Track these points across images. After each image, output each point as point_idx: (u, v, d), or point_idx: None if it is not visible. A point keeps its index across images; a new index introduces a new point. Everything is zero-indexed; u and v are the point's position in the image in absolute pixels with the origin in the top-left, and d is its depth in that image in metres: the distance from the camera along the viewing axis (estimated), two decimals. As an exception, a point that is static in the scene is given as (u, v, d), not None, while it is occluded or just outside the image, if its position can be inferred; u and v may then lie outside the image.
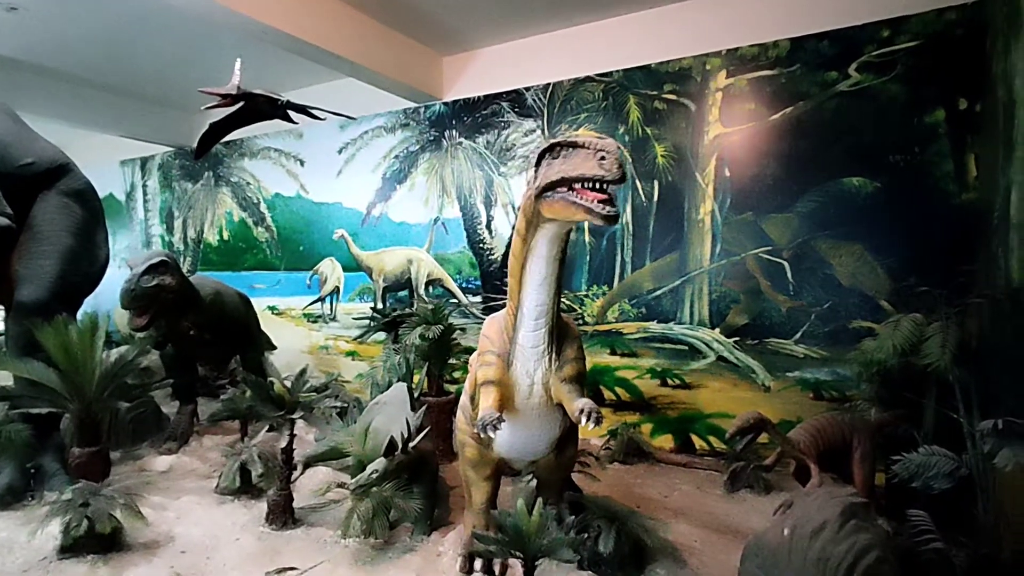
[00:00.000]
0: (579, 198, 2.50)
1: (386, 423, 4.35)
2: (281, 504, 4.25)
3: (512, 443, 3.50)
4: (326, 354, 8.87)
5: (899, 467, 3.57)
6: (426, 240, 8.00)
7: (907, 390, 4.00)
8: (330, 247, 8.88)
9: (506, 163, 7.38)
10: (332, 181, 8.83)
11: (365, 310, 8.54)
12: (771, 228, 5.83)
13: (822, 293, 5.56)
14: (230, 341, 6.31)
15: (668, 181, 6.34)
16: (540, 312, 3.06)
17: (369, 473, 3.75)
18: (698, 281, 6.20)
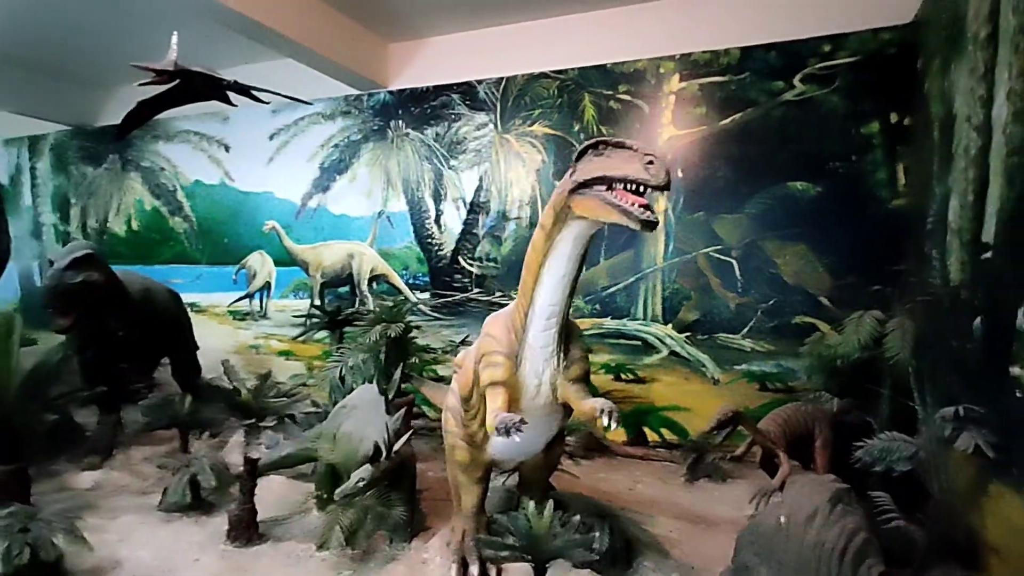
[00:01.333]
0: (617, 198, 2.46)
1: (359, 427, 4.13)
2: (245, 519, 3.92)
3: (510, 444, 3.42)
4: (256, 354, 8.30)
5: (862, 452, 3.84)
6: (369, 234, 7.67)
7: (864, 381, 4.33)
8: (259, 240, 8.31)
9: (456, 156, 7.22)
10: (262, 169, 8.27)
11: (301, 307, 8.11)
12: (721, 228, 6.10)
13: (768, 290, 5.89)
14: (160, 342, 5.74)
15: (622, 180, 6.45)
16: (553, 312, 3.01)
17: (355, 482, 3.53)
18: (651, 278, 6.38)
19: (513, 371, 3.08)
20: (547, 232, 2.86)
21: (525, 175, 6.88)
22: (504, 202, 6.99)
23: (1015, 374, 3.25)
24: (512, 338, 3.11)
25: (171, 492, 4.24)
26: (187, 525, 4.22)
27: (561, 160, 6.73)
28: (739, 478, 5.40)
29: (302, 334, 7.31)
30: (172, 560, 3.75)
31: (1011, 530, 3.24)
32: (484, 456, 3.58)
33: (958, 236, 4.12)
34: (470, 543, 3.62)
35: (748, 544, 3.25)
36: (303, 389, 6.19)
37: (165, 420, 5.09)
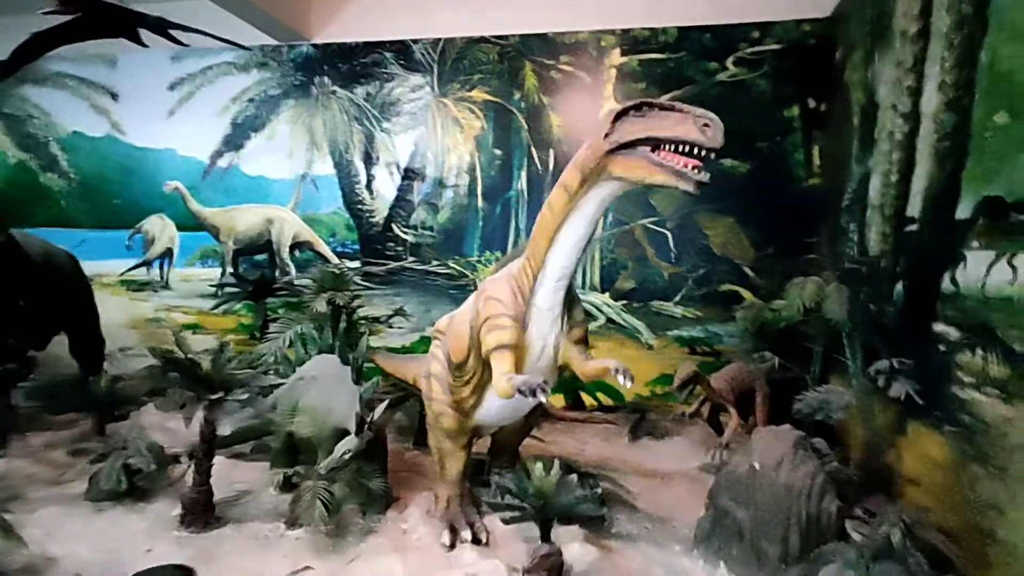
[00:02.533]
0: (666, 160, 2.49)
1: (324, 399, 3.91)
2: (201, 501, 3.59)
3: (503, 409, 3.42)
4: (157, 328, 7.51)
5: (802, 404, 4.26)
6: (291, 198, 7.17)
7: (800, 342, 4.79)
8: (158, 201, 7.47)
9: (390, 119, 6.91)
10: (161, 122, 7.39)
11: (210, 276, 7.43)
12: (657, 200, 6.39)
13: (699, 260, 6.29)
14: (60, 314, 5.02)
15: (564, 151, 6.54)
16: (564, 274, 3.01)
17: (341, 454, 3.35)
18: (590, 248, 6.55)
19: (520, 334, 3.06)
20: (571, 193, 2.84)
21: (463, 142, 6.74)
22: (441, 169, 6.82)
23: (939, 331, 3.76)
24: (519, 301, 3.08)
25: (103, 479, 3.76)
26: (123, 514, 3.78)
27: (501, 127, 6.67)
28: (675, 435, 5.78)
29: (218, 305, 6.73)
30: (118, 553, 3.36)
31: (930, 463, 3.78)
32: (471, 423, 3.54)
33: (879, 212, 4.64)
34: (456, 509, 3.59)
35: (724, 491, 3.51)
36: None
37: (73, 403, 4.47)
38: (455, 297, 6.83)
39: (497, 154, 6.70)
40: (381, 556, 3.34)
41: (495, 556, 3.36)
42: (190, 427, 3.48)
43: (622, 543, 3.62)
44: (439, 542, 3.46)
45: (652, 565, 3.43)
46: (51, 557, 3.26)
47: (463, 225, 6.84)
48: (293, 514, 3.59)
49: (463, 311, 3.49)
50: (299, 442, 4.01)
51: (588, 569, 3.21)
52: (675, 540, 3.75)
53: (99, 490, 3.82)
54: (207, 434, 3.52)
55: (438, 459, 3.64)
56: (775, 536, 3.27)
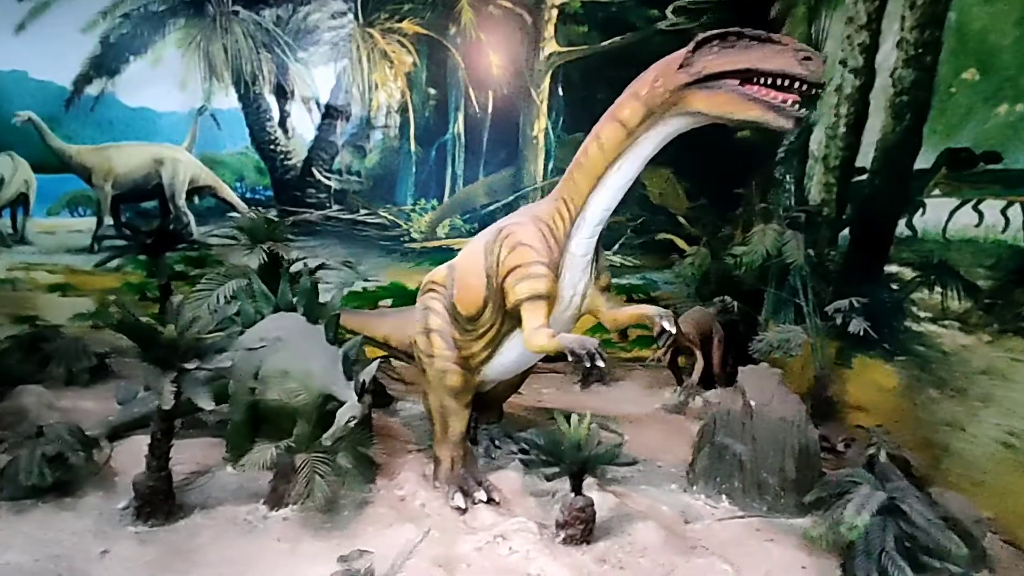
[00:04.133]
0: (761, 94, 2.34)
1: (296, 363, 3.42)
2: (161, 489, 3.03)
3: (516, 363, 3.24)
4: (12, 291, 6.19)
5: (761, 344, 4.53)
6: (187, 135, 6.15)
7: (740, 287, 5.09)
8: (7, 136, 6.04)
9: (306, 48, 6.11)
10: (7, 39, 5.89)
11: (81, 226, 6.24)
12: (597, 149, 6.33)
13: (637, 210, 6.38)
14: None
15: (503, 93, 6.24)
16: (604, 218, 2.83)
17: (345, 422, 2.95)
18: (532, 197, 6.38)
19: (555, 283, 2.85)
20: (629, 129, 2.64)
21: (393, 78, 6.18)
22: (368, 107, 6.21)
23: (892, 271, 4.13)
24: (553, 246, 2.86)
25: (22, 474, 3.02)
26: (52, 513, 3.09)
27: (436, 64, 6.19)
28: (621, 380, 5.94)
29: (104, 261, 5.67)
30: (66, 559, 2.74)
31: (878, 389, 4.21)
32: (476, 379, 3.31)
33: (822, 163, 4.97)
34: (461, 470, 3.38)
35: (721, 429, 3.64)
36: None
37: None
38: (387, 248, 6.40)
39: (431, 93, 6.23)
40: (393, 527, 3.05)
41: (514, 514, 3.23)
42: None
43: (622, 487, 3.65)
44: (449, 506, 3.24)
45: (658, 504, 3.50)
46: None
47: (394, 170, 6.33)
48: (277, 493, 3.16)
49: (469, 260, 3.20)
50: (266, 412, 3.52)
51: (609, 515, 3.19)
52: (666, 479, 3.85)
53: (16, 487, 3.08)
54: (164, 412, 2.94)
55: (439, 419, 3.38)
56: (774, 466, 3.46)
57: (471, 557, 2.82)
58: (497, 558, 2.82)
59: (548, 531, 3.02)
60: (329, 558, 2.79)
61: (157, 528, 3.00)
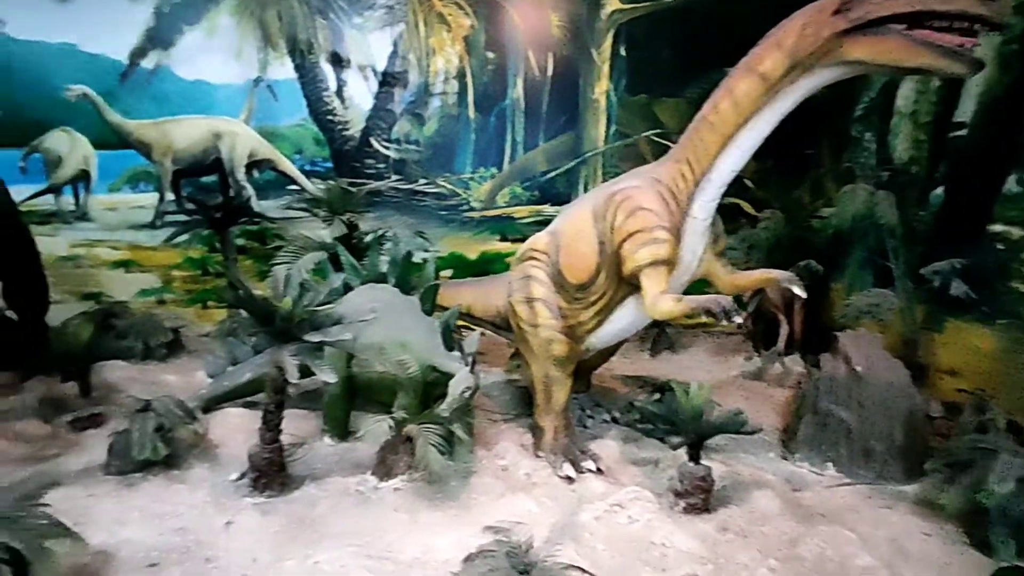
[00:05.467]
0: (934, 38, 2.17)
1: (395, 334, 3.39)
2: (276, 461, 3.05)
3: (623, 331, 3.17)
4: (74, 268, 6.24)
5: (849, 309, 4.41)
6: (243, 108, 6.07)
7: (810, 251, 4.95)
8: (60, 112, 5.99)
9: (362, 13, 5.95)
10: (53, 9, 5.80)
11: (144, 202, 6.23)
12: (662, 111, 6.14)
13: (701, 173, 6.19)
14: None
15: (563, 55, 6.04)
16: (729, 179, 2.71)
17: (460, 393, 2.93)
18: (592, 163, 6.24)
19: (676, 247, 2.76)
20: (770, 82, 2.50)
21: (451, 42, 6.01)
22: (426, 73, 6.06)
23: (996, 230, 3.96)
24: (674, 210, 2.75)
25: (135, 448, 3.06)
26: (164, 486, 3.14)
27: (493, 26, 6.00)
28: (689, 347, 5.86)
29: (172, 237, 5.66)
30: (191, 532, 2.78)
31: (973, 353, 4.08)
32: (581, 347, 3.25)
33: (911, 119, 4.75)
34: (566, 440, 3.35)
35: (825, 395, 3.56)
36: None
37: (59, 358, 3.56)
38: (446, 218, 6.32)
39: (490, 57, 6.05)
40: (504, 497, 3.05)
41: (621, 483, 3.20)
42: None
43: (722, 455, 3.60)
44: (557, 475, 3.22)
45: (761, 472, 3.45)
46: (109, 550, 2.62)
47: (453, 138, 6.21)
48: (385, 464, 3.17)
49: (575, 226, 3.11)
50: (362, 384, 3.51)
51: (720, 483, 3.14)
52: (761, 447, 3.79)
53: (126, 461, 3.12)
54: (279, 384, 2.94)
55: (542, 389, 3.33)
56: (882, 433, 3.38)
57: (592, 526, 2.80)
58: (618, 527, 2.81)
59: (664, 500, 2.99)
60: (451, 528, 2.80)
61: (274, 499, 3.03)
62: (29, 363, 4.07)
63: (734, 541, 2.78)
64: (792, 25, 2.51)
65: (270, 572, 2.54)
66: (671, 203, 2.79)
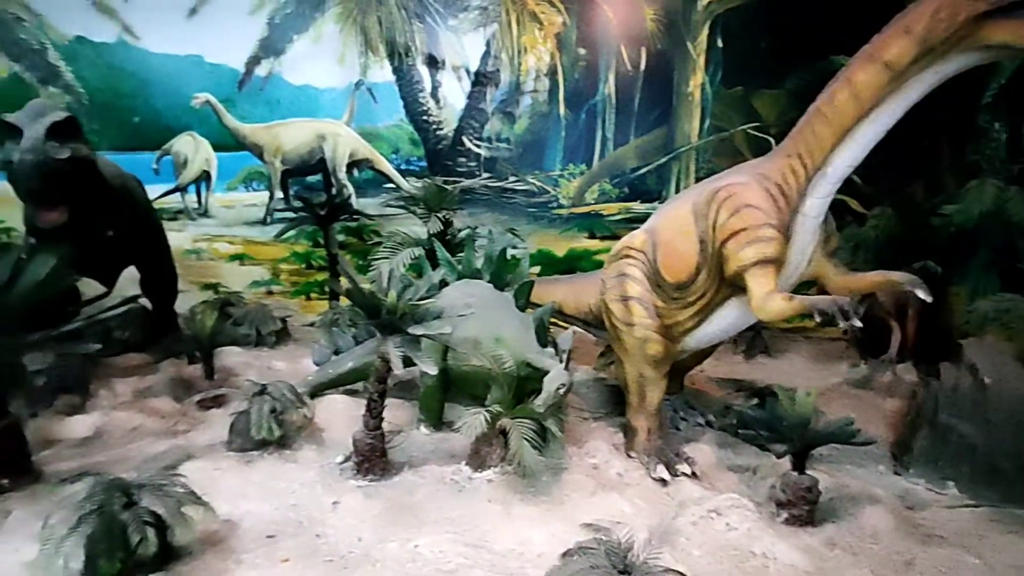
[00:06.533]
0: None
1: (489, 329, 3.46)
2: (378, 447, 3.21)
3: (722, 332, 3.09)
4: (197, 260, 6.81)
5: (972, 316, 4.05)
6: (345, 110, 6.39)
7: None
8: (187, 118, 6.57)
9: (457, 15, 6.10)
10: (182, 25, 6.36)
11: (256, 200, 6.71)
12: (760, 104, 5.89)
13: (804, 168, 5.88)
14: (135, 245, 4.36)
15: (656, 49, 5.92)
16: (845, 175, 2.58)
17: (555, 389, 2.97)
18: (685, 158, 6.08)
19: (784, 246, 2.66)
20: (896, 72, 2.36)
21: (543, 40, 6.03)
22: (517, 72, 6.13)
23: None
24: (783, 207, 2.66)
25: (254, 428, 3.32)
26: (278, 464, 3.39)
27: (586, 23, 5.96)
28: (786, 351, 5.60)
29: (283, 232, 6.08)
30: (303, 509, 2.99)
31: None
32: (677, 348, 3.20)
33: (1054, 106, 4.27)
34: (659, 441, 3.31)
35: (945, 407, 3.30)
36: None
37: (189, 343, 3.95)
38: (534, 215, 6.36)
39: (581, 54, 6.03)
40: (596, 495, 3.06)
41: (717, 489, 3.12)
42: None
43: (826, 466, 3.41)
44: (651, 477, 3.19)
45: (871, 487, 3.25)
46: (234, 521, 2.86)
47: (543, 136, 6.25)
48: (479, 455, 3.26)
49: (674, 224, 3.06)
50: (456, 377, 3.62)
51: (827, 496, 2.99)
52: (870, 460, 3.57)
53: (245, 440, 3.39)
54: (383, 373, 3.09)
55: (636, 389, 3.31)
56: (1011, 451, 3.10)
57: (687, 531, 2.76)
58: (715, 534, 2.74)
59: (765, 509, 2.89)
60: (545, 522, 2.84)
61: (376, 483, 3.19)
62: (162, 347, 4.50)
63: (842, 557, 2.65)
64: (922, 10, 2.34)
65: (374, 551, 2.68)
66: (779, 200, 2.68)
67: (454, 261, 3.97)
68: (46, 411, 3.87)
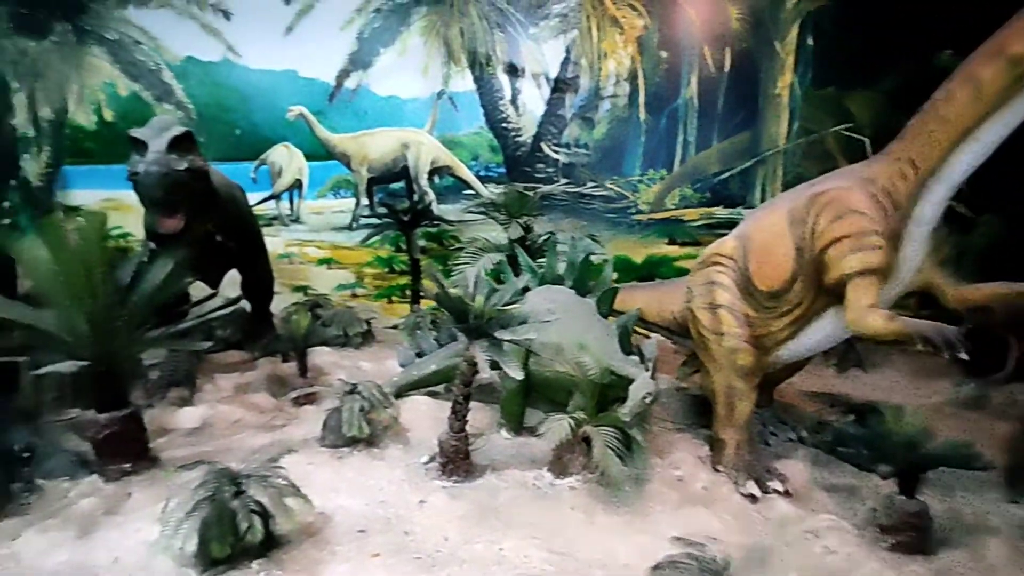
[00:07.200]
0: None
1: (572, 335, 3.46)
2: (462, 449, 3.28)
3: (821, 344, 2.96)
4: (288, 264, 7.20)
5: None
6: (428, 119, 6.58)
7: None
8: (283, 130, 6.96)
9: (537, 23, 6.15)
10: (279, 42, 6.76)
11: (343, 207, 7.01)
12: (854, 104, 5.59)
13: (904, 171, 5.53)
14: (239, 250, 4.67)
15: (742, 49, 5.74)
16: (962, 179, 2.43)
17: (642, 398, 2.95)
18: (771, 162, 5.86)
19: (890, 255, 2.52)
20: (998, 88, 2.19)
21: (623, 44, 5.99)
22: (597, 77, 6.11)
23: None
24: (891, 213, 2.52)
25: (346, 425, 3.48)
26: (366, 461, 3.52)
27: (667, 25, 5.87)
28: (882, 365, 5.27)
29: (369, 237, 6.34)
30: (391, 506, 3.09)
31: None
32: (769, 359, 3.08)
33: None
34: (747, 456, 3.20)
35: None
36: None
37: (286, 344, 4.20)
38: (613, 221, 6.31)
39: (663, 56, 5.93)
40: (682, 509, 2.99)
41: (811, 509, 2.98)
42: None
43: (932, 490, 3.17)
44: (739, 492, 3.09)
45: (986, 516, 3.01)
46: (327, 514, 3.00)
47: (622, 141, 6.19)
48: (561, 462, 3.26)
49: (768, 230, 2.96)
50: (538, 382, 3.65)
51: (935, 522, 2.79)
52: (981, 486, 3.29)
53: (337, 436, 3.55)
54: (469, 376, 3.16)
55: (724, 401, 3.21)
56: None
57: (782, 552, 2.65)
58: (812, 556, 2.62)
59: (867, 534, 2.73)
60: (629, 533, 2.81)
61: (460, 484, 3.25)
62: (261, 346, 4.78)
63: (954, 590, 2.47)
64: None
65: (460, 551, 2.74)
66: (886, 205, 2.53)
67: (536, 266, 4.00)
68: (160, 403, 4.22)
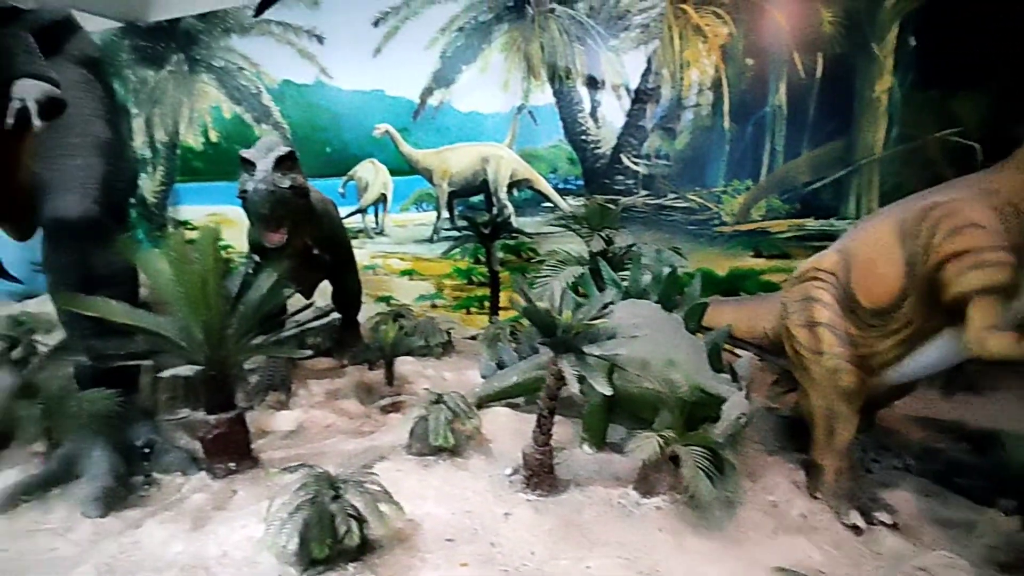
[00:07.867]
0: None
1: (659, 351, 3.41)
2: (547, 464, 3.29)
3: (933, 367, 2.77)
4: (373, 275, 7.50)
5: None
6: (507, 133, 6.69)
7: None
8: (369, 147, 7.30)
9: (617, 35, 6.13)
10: (367, 63, 7.11)
11: (425, 221, 7.23)
12: (960, 107, 5.20)
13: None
14: (333, 261, 4.91)
15: (835, 53, 5.47)
16: None
17: (736, 418, 2.87)
18: (867, 171, 5.54)
19: (1017, 272, 2.34)
20: None
21: (706, 53, 5.86)
22: (679, 87, 6.00)
23: None
24: (1017, 227, 2.34)
25: (432, 434, 3.57)
26: (451, 471, 3.59)
27: (753, 31, 5.69)
28: (995, 389, 4.83)
29: (450, 249, 6.51)
30: (477, 516, 3.14)
31: None
32: (874, 381, 2.91)
33: None
34: (849, 484, 3.03)
35: None
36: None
37: (376, 352, 4.39)
38: (694, 233, 6.15)
39: (748, 64, 5.76)
40: (778, 537, 2.87)
41: (923, 543, 2.79)
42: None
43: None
44: (841, 522, 2.93)
45: None
46: (415, 521, 3.08)
47: (705, 151, 6.04)
48: (648, 481, 3.20)
49: (873, 244, 2.81)
50: (623, 398, 3.60)
51: (1069, 567, 2.55)
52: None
53: (423, 445, 3.64)
54: (555, 390, 3.17)
55: (824, 424, 3.06)
56: None
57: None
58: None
59: (985, 573, 2.52)
60: (722, 560, 2.72)
61: (544, 499, 3.26)
62: (350, 354, 5.00)
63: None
64: None
65: (546, 567, 2.74)
66: (1010, 218, 2.34)
67: (619, 280, 3.97)
68: (259, 406, 4.48)
